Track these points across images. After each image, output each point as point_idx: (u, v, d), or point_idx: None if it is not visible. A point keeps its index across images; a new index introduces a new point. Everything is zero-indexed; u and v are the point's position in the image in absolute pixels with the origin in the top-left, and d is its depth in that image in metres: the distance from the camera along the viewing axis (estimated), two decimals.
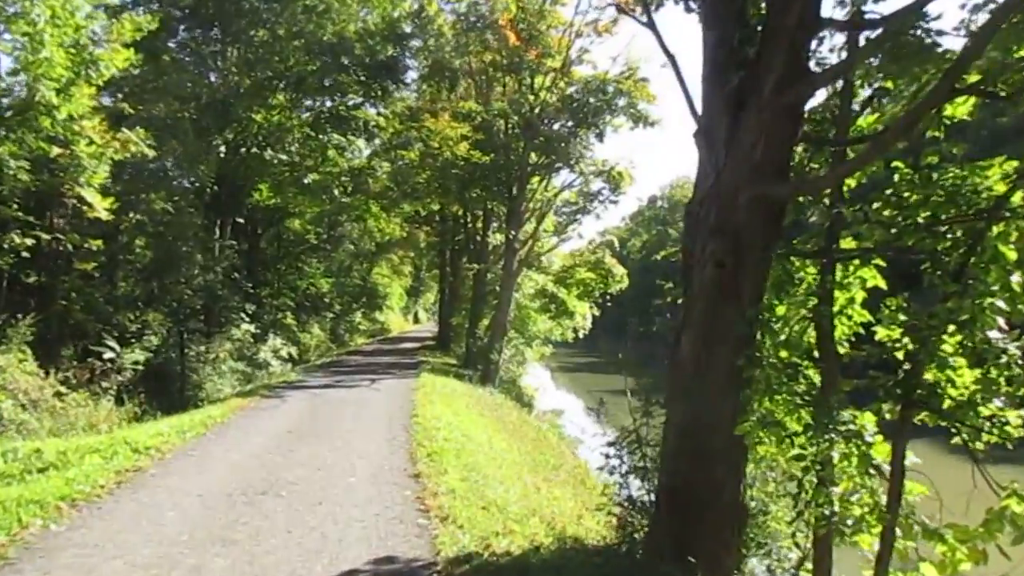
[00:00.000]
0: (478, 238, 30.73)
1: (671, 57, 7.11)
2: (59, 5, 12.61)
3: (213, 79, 22.67)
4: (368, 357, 32.05)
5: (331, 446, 10.96)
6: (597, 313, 29.37)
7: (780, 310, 6.75)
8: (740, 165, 6.31)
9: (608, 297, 29.06)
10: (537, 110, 23.64)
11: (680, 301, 7.16)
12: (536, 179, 25.27)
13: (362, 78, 22.53)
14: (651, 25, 7.42)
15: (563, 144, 23.89)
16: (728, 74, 6.43)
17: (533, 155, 24.49)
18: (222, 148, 21.76)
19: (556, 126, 23.98)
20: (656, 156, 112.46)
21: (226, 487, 8.35)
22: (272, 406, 15.14)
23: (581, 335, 29.67)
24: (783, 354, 6.49)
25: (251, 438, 11.50)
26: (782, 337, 6.53)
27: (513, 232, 24.26)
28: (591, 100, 23.61)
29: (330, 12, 21.07)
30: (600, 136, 24.35)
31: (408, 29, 23.28)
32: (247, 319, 25.40)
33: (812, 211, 7.16)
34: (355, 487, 8.55)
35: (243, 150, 22.80)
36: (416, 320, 79.96)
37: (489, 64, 24.86)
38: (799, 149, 6.88)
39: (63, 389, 14.26)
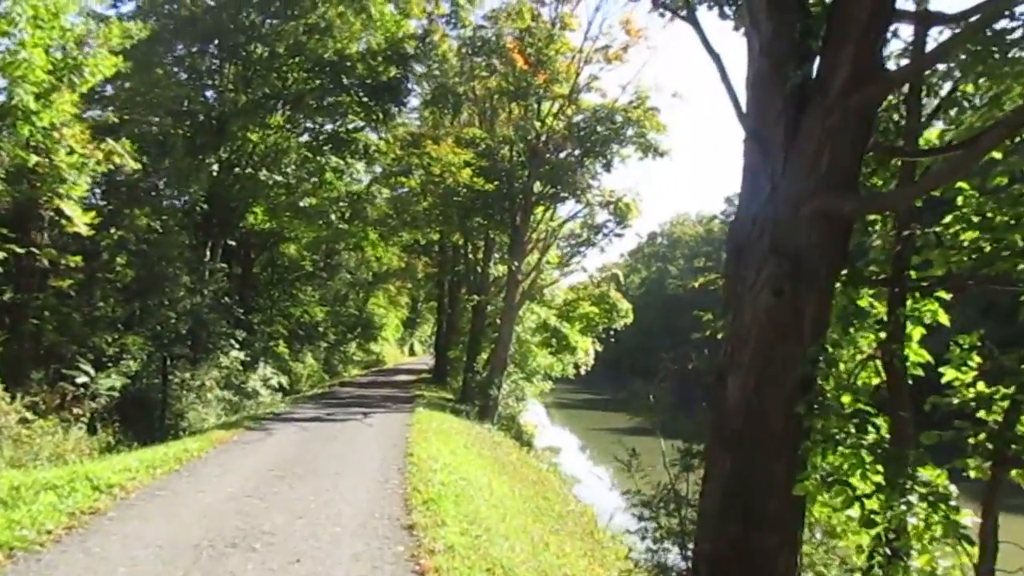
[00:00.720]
0: (478, 269, 29.82)
1: (715, 55, 6.24)
2: (42, 6, 11.81)
3: (209, 96, 21.92)
4: (362, 389, 30.96)
5: (316, 488, 9.88)
6: (600, 348, 28.34)
7: (844, 352, 5.77)
8: (801, 175, 5.39)
9: (612, 332, 28.08)
10: (543, 137, 22.89)
11: (721, 336, 6.22)
12: (540, 209, 24.44)
13: (363, 99, 21.78)
14: (692, 20, 6.56)
15: (569, 173, 23.11)
16: (787, 71, 5.53)
17: (538, 184, 23.70)
18: (215, 167, 20.90)
19: (562, 155, 23.21)
20: (658, 189, 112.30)
21: (192, 536, 7.28)
22: (256, 440, 14.05)
23: (583, 371, 28.57)
24: (846, 399, 5.51)
25: (228, 477, 10.41)
26: (846, 379, 5.54)
27: (516, 263, 23.35)
28: (599, 129, 22.91)
29: (332, 30, 20.36)
30: (607, 166, 23.61)
31: (411, 51, 22.56)
32: (237, 346, 24.37)
33: (874, 234, 6.25)
34: (341, 540, 7.47)
35: (237, 170, 21.94)
36: (412, 352, 78.71)
37: (495, 90, 24.17)
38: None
39: (29, 415, 13.19)
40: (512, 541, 8.35)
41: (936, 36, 5.95)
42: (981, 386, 5.43)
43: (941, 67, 6.17)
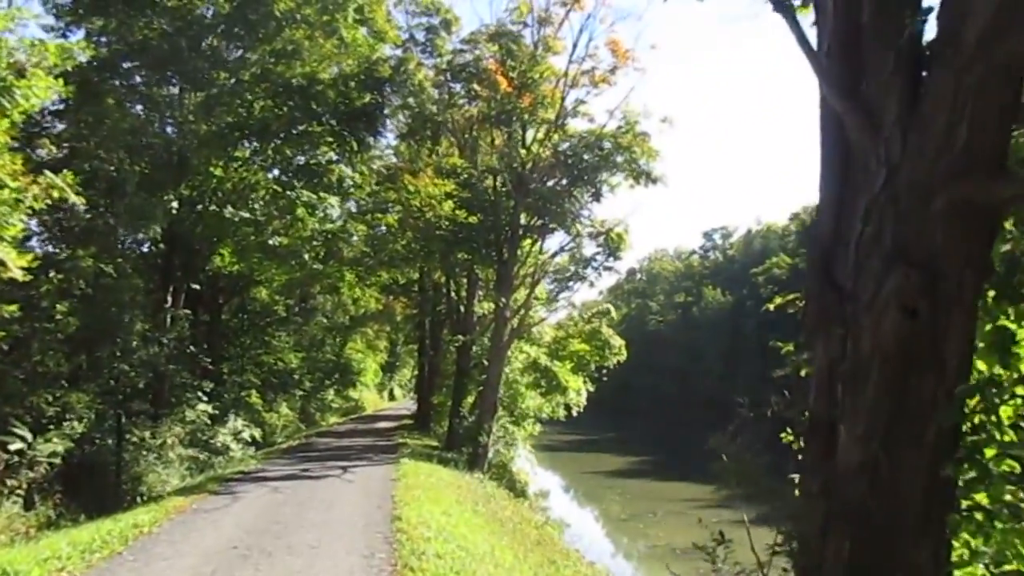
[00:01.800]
0: (462, 308, 28.30)
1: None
2: None
3: (169, 130, 20.38)
4: (341, 439, 29.08)
5: (288, 571, 8.22)
6: (592, 388, 26.78)
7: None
8: (930, 155, 3.96)
9: (606, 371, 26.56)
10: (529, 165, 21.61)
11: (805, 373, 4.77)
12: (528, 241, 23.07)
13: (336, 127, 20.38)
14: None
15: (557, 203, 21.81)
16: (900, 18, 4.16)
17: (524, 215, 22.37)
18: (175, 204, 19.30)
19: (550, 183, 21.91)
20: (638, 224, 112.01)
21: None
22: (220, 506, 12.28)
23: (575, 412, 26.94)
24: (1005, 466, 4.04)
25: (182, 559, 8.70)
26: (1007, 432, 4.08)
27: (503, 299, 21.87)
28: (586, 156, 21.68)
29: (300, 53, 18.99)
30: (597, 196, 22.32)
31: (386, 76, 21.25)
32: (204, 398, 22.53)
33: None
34: None
35: (200, 207, 20.36)
36: (392, 397, 76.57)
37: (476, 117, 22.95)
38: None
39: None
40: None
41: None
42: None
43: None
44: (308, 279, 29.47)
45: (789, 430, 5.30)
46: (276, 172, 22.05)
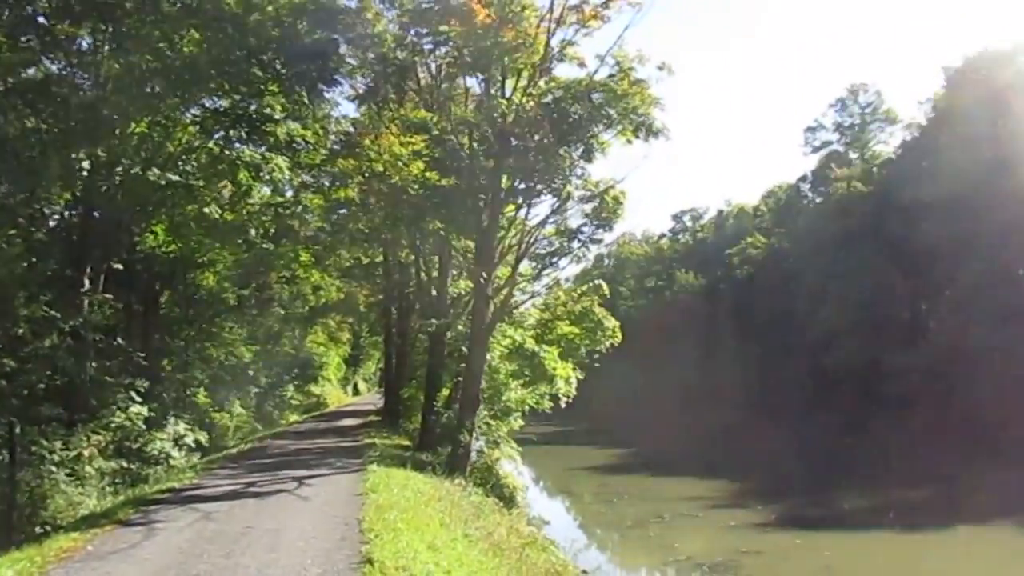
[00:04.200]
0: (433, 290, 25.14)
1: None
2: None
3: (80, 80, 16.81)
4: (299, 441, 25.82)
5: None
6: (581, 376, 23.76)
7: None
8: None
9: (597, 355, 23.62)
10: (510, 118, 18.51)
11: None
12: (511, 208, 19.98)
13: (280, 71, 17.02)
14: None
15: (542, 160, 18.74)
16: None
17: (505, 178, 19.26)
18: (86, 164, 15.84)
19: (536, 137, 18.81)
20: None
21: None
22: (122, 548, 9.02)
23: (563, 403, 23.89)
24: None
25: None
26: None
27: (484, 275, 18.75)
28: (576, 108, 18.59)
29: None
30: (588, 154, 19.26)
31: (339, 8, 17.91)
32: (137, 399, 19.07)
33: None
34: None
35: (119, 170, 16.88)
36: (356, 392, 73.04)
37: (447, 62, 19.77)
38: None
39: None
40: None
41: None
42: None
43: None
44: (258, 261, 26.03)
45: None
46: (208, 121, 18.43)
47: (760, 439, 40.97)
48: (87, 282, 17.50)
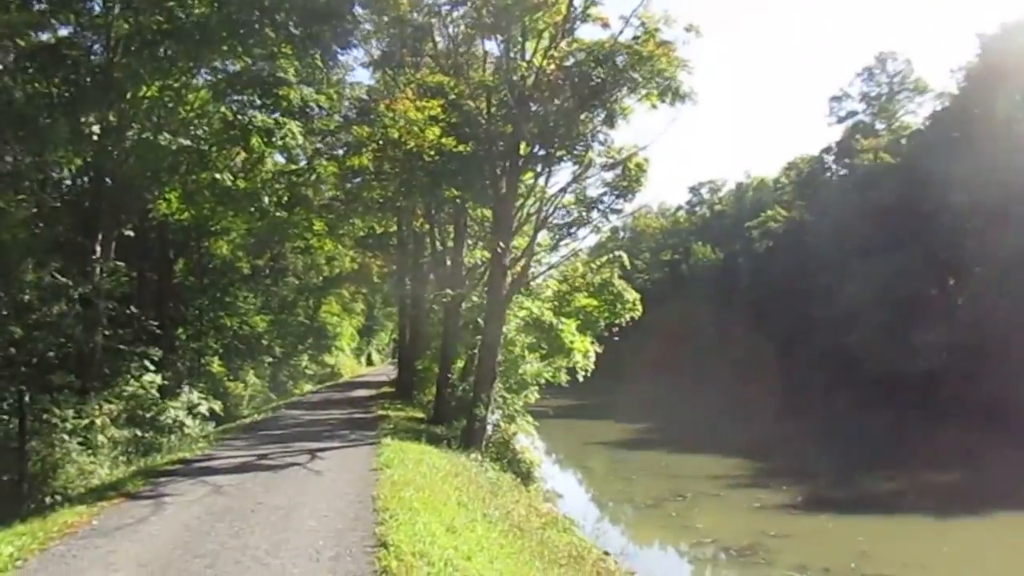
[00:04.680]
0: (448, 261, 24.65)
1: None
2: None
3: (90, 43, 16.33)
4: (313, 411, 25.59)
5: None
6: (599, 350, 23.26)
7: None
8: None
9: (617, 329, 23.09)
10: (530, 81, 17.87)
11: None
12: (530, 175, 19.37)
13: (294, 32, 16.43)
14: None
15: (563, 125, 18.11)
16: None
17: (524, 144, 18.64)
18: (96, 129, 15.40)
19: (556, 102, 18.15)
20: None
21: None
22: (130, 523, 8.70)
23: (580, 378, 23.39)
24: None
25: None
26: None
27: (502, 244, 18.21)
28: (598, 72, 17.87)
29: None
30: (610, 120, 18.59)
31: None
32: (151, 368, 18.84)
33: None
34: None
35: (130, 134, 16.43)
36: (370, 362, 73.05)
37: (465, 24, 19.07)
38: None
39: None
40: None
41: None
42: None
43: None
44: (272, 229, 25.61)
45: None
46: (229, 100, 17.97)
47: (779, 416, 40.36)
48: (98, 249, 17.11)
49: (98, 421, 15.80)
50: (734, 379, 55.10)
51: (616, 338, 23.54)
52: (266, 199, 21.80)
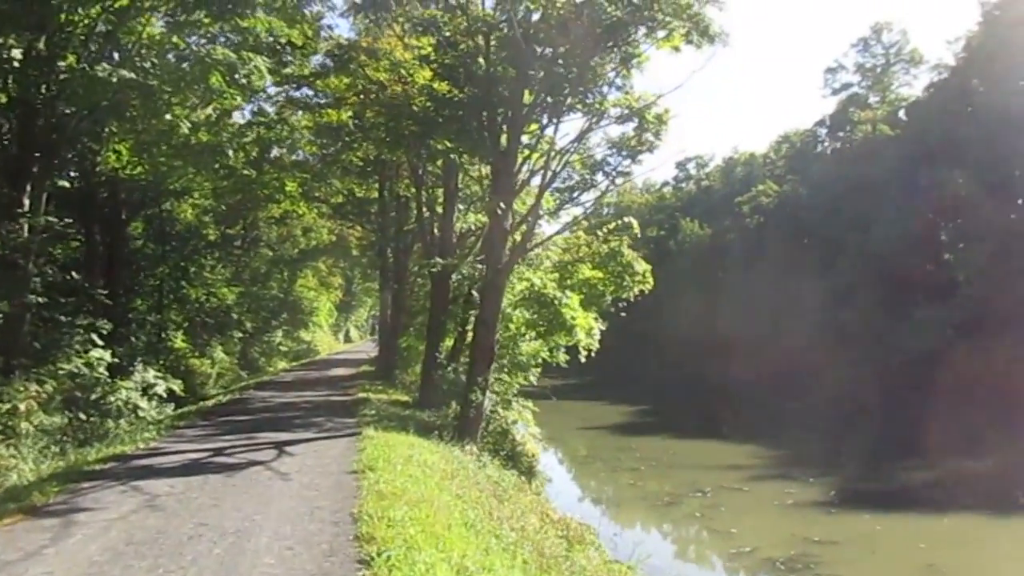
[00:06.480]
0: (436, 229, 22.20)
1: None
2: None
3: None
4: (285, 393, 23.17)
5: None
6: (603, 327, 20.96)
7: None
8: None
9: (624, 304, 20.85)
10: (536, 17, 15.41)
11: None
12: (534, 127, 16.92)
13: None
14: None
15: (573, 71, 15.66)
16: None
17: (527, 93, 16.18)
18: (16, 54, 12.74)
19: (566, 42, 15.67)
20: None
21: None
22: (15, 558, 6.27)
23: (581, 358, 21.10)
24: None
25: None
26: None
27: (502, 206, 15.79)
28: (614, 8, 15.39)
29: None
30: (626, 62, 16.19)
31: None
32: (99, 342, 16.30)
33: None
34: None
35: (61, 65, 13.80)
36: (348, 339, 70.53)
37: None
38: None
39: None
40: None
41: None
42: None
43: None
44: (238, 188, 22.92)
45: None
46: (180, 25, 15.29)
47: (776, 399, 38.60)
48: (26, 202, 14.49)
49: (21, 406, 13.26)
50: (726, 360, 53.28)
51: (623, 314, 21.29)
52: (231, 153, 19.17)
